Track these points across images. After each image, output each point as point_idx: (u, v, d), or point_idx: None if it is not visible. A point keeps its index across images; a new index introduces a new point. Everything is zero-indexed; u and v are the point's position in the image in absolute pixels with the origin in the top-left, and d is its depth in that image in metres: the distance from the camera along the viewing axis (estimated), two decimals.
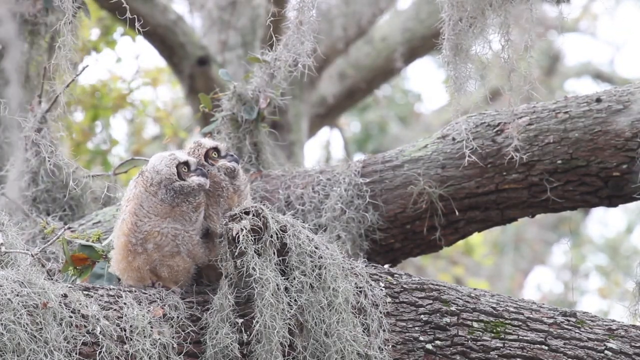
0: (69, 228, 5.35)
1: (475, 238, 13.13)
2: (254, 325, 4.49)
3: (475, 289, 4.85)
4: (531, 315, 4.77)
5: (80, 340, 4.42)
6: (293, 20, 6.22)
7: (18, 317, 4.34)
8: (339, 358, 4.51)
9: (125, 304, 4.56)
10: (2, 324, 4.31)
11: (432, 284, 4.79)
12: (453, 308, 4.73)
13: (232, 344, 4.50)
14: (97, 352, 4.42)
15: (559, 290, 17.47)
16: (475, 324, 4.73)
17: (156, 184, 4.67)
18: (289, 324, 4.52)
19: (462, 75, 5.93)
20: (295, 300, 4.55)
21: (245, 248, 4.56)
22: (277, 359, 4.47)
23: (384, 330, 4.65)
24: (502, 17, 5.90)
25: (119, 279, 4.82)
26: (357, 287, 4.67)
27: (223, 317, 4.55)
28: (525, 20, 5.90)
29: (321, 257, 4.62)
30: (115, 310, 4.54)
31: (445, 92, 5.99)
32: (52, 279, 4.58)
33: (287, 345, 4.50)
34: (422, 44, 12.05)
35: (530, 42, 5.87)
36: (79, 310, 4.46)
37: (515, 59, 5.93)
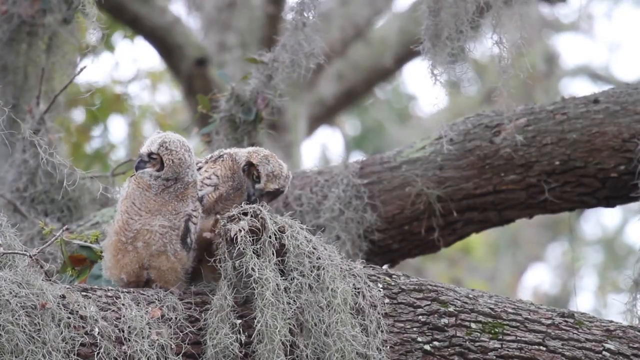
0: (67, 229, 5.34)
1: (475, 238, 13.14)
2: (255, 325, 4.49)
3: (473, 290, 4.85)
4: (529, 316, 4.77)
5: (78, 341, 4.42)
6: (292, 22, 6.23)
7: (16, 318, 4.34)
8: (339, 357, 4.51)
9: (123, 304, 4.56)
10: (0, 325, 4.31)
11: (430, 285, 4.79)
12: (451, 309, 4.74)
13: (232, 344, 4.50)
14: (96, 353, 4.42)
15: (556, 290, 17.48)
16: (473, 325, 4.73)
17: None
18: (290, 324, 4.52)
19: (440, 64, 5.94)
20: (294, 301, 4.55)
21: (243, 249, 4.56)
22: (280, 358, 4.47)
23: (382, 331, 4.65)
24: (493, 16, 5.92)
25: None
26: (355, 288, 4.66)
27: (223, 317, 4.55)
28: (515, 20, 5.92)
29: (319, 258, 4.62)
30: (113, 311, 4.54)
31: (445, 91, 6.00)
32: (50, 280, 4.58)
33: (288, 345, 4.50)
34: (415, 46, 12.04)
35: (521, 42, 5.88)
36: (77, 311, 4.46)
37: (508, 58, 5.95)
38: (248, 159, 4.91)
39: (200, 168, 4.95)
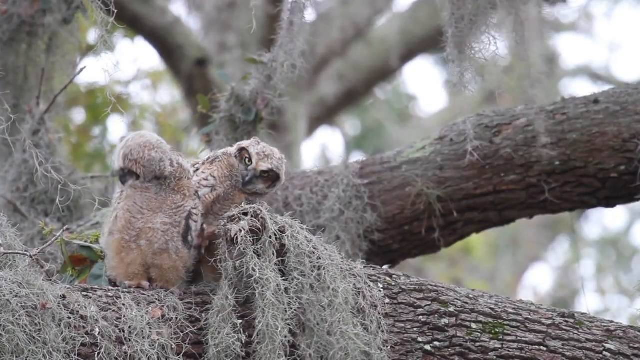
0: (68, 229, 5.35)
1: (475, 238, 13.14)
2: (257, 325, 4.49)
3: (473, 290, 4.85)
4: (530, 316, 4.77)
5: (79, 341, 4.42)
6: (285, 21, 6.24)
7: (17, 318, 4.34)
8: (343, 355, 4.51)
9: (124, 304, 4.56)
10: (1, 325, 4.31)
11: (431, 285, 4.79)
12: (451, 309, 4.74)
13: (234, 344, 4.50)
14: (96, 353, 4.42)
15: (557, 290, 17.48)
16: (473, 325, 4.73)
17: None
18: (291, 324, 4.52)
19: (465, 71, 5.95)
20: (295, 300, 4.55)
21: (244, 249, 4.56)
22: (281, 359, 4.47)
23: (382, 331, 4.65)
24: (504, 16, 5.92)
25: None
26: (355, 288, 4.67)
27: (224, 317, 4.55)
28: (528, 21, 5.92)
29: (320, 258, 4.62)
30: (114, 311, 4.54)
31: (446, 91, 6.02)
32: (50, 280, 4.58)
33: (289, 345, 4.50)
34: (420, 45, 12.06)
35: (524, 42, 5.89)
36: (78, 311, 4.46)
37: (519, 58, 5.96)
38: (239, 145, 4.98)
39: (197, 170, 4.96)
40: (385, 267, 4.97)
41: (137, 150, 4.69)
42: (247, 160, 4.94)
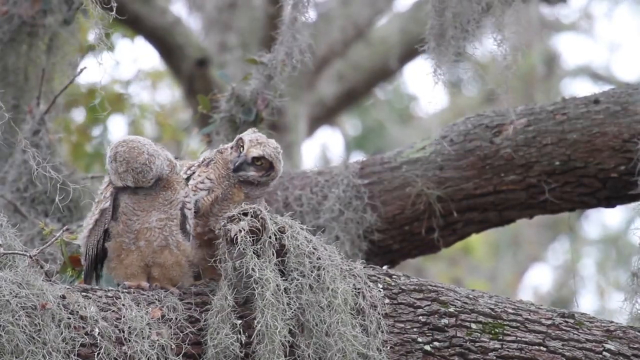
0: (68, 229, 5.35)
1: (475, 238, 13.15)
2: (256, 325, 4.49)
3: (473, 290, 4.85)
4: (529, 317, 4.77)
5: (78, 341, 4.42)
6: (287, 17, 6.24)
7: (16, 319, 4.34)
8: (341, 357, 4.52)
9: (123, 305, 4.56)
10: (0, 325, 4.32)
11: (431, 285, 4.79)
12: (451, 309, 4.74)
13: (233, 344, 4.51)
14: (96, 353, 4.43)
15: (556, 290, 17.47)
16: (473, 325, 4.73)
17: None
18: (290, 324, 4.52)
19: (444, 63, 5.95)
20: (295, 301, 4.55)
21: (244, 249, 4.56)
22: (280, 359, 4.47)
23: (382, 332, 4.65)
24: (495, 15, 5.92)
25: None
26: (355, 289, 4.67)
27: (223, 317, 4.55)
28: (515, 20, 5.93)
29: (319, 259, 4.62)
30: (113, 311, 4.54)
31: (430, 78, 6.01)
32: (50, 281, 4.59)
33: (288, 346, 4.50)
34: (420, 45, 12.05)
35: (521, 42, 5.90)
36: (78, 312, 4.47)
37: (509, 58, 5.96)
38: (238, 137, 4.97)
39: (193, 173, 4.96)
40: (385, 267, 4.97)
41: (149, 162, 4.69)
42: (241, 148, 4.92)
